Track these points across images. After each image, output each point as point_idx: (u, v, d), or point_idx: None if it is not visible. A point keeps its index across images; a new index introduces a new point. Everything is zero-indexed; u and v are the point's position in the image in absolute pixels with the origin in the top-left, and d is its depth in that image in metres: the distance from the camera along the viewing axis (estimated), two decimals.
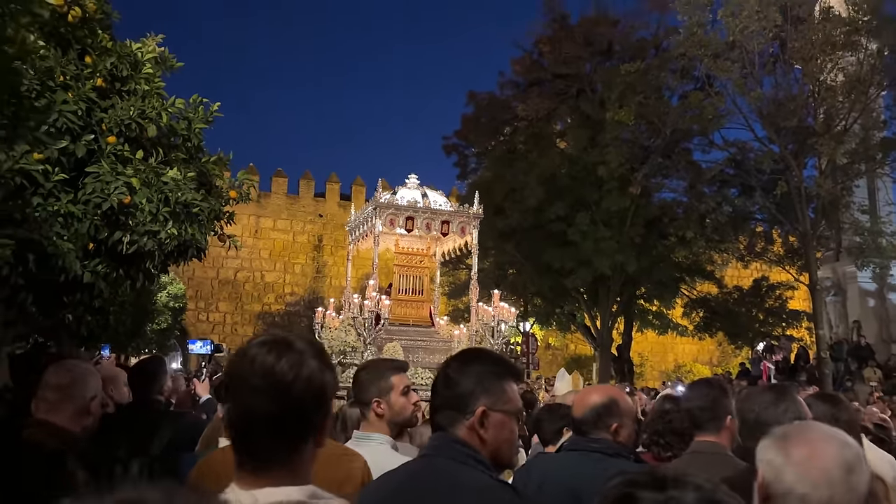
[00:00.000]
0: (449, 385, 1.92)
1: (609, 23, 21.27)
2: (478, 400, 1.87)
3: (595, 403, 2.92)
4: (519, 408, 1.95)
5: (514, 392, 1.93)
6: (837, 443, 1.62)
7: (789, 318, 23.07)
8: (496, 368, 1.94)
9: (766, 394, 2.77)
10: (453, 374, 1.93)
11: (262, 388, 1.38)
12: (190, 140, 7.60)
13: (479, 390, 1.88)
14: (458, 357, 2.04)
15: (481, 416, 1.85)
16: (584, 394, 3.05)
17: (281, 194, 33.47)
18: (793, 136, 16.83)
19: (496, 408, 1.88)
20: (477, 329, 10.05)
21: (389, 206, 10.06)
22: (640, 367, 32.46)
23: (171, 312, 22.92)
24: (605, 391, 3.05)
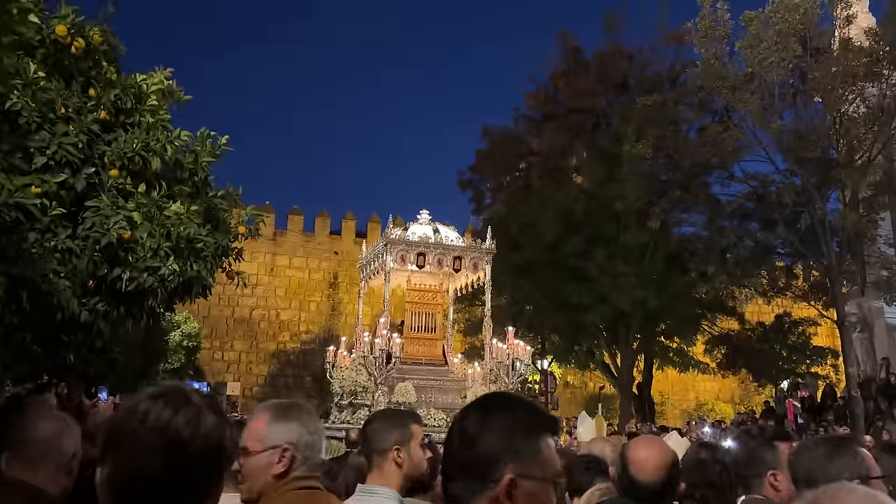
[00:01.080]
0: (466, 444, 1.48)
1: (624, 57, 21.16)
2: (505, 464, 1.44)
3: (664, 466, 2.62)
4: (558, 473, 1.50)
5: (550, 452, 1.49)
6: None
7: (814, 354, 22.43)
8: (528, 420, 1.50)
9: (820, 447, 2.40)
10: (472, 429, 1.49)
11: (154, 447, 1.22)
12: (197, 174, 7.44)
13: (506, 451, 1.45)
14: (478, 405, 1.56)
15: (509, 486, 1.42)
16: (647, 452, 2.68)
17: (297, 232, 33.43)
18: (815, 168, 16.48)
19: (529, 474, 1.44)
20: (491, 368, 9.73)
21: (400, 242, 9.89)
22: (660, 405, 31.76)
23: (185, 352, 22.75)
24: (661, 448, 2.73)
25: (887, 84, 16.04)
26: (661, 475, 2.61)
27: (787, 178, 16.91)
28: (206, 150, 7.47)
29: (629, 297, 17.84)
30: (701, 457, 3.62)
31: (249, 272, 32.00)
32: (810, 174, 16.44)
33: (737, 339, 22.35)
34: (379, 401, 9.05)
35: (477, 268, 10.30)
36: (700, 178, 18.47)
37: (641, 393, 23.59)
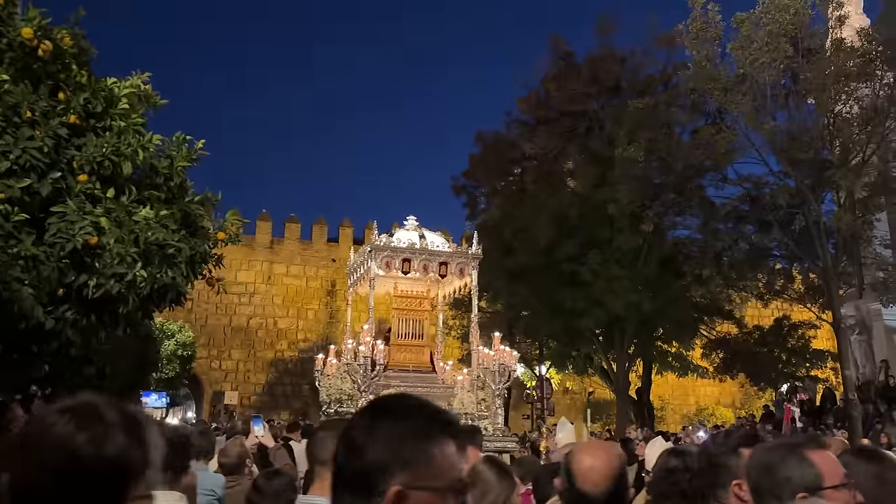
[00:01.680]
0: (352, 454, 1.32)
1: (616, 60, 21.11)
2: (392, 475, 1.27)
3: (610, 475, 2.47)
4: (454, 480, 1.32)
5: (447, 458, 1.31)
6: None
7: (813, 358, 22.28)
8: (420, 425, 1.33)
9: (769, 454, 2.14)
10: (358, 438, 1.32)
11: (50, 462, 1.14)
12: (172, 179, 7.33)
13: (394, 460, 1.28)
14: (367, 411, 1.39)
15: (396, 498, 1.26)
16: (592, 460, 2.51)
17: (294, 240, 33.40)
18: (809, 169, 16.36)
19: (420, 484, 1.27)
20: (478, 374, 9.60)
21: (385, 249, 9.80)
22: (660, 410, 31.59)
23: (180, 361, 22.60)
24: (608, 456, 2.56)
25: (880, 84, 15.92)
26: (608, 485, 2.44)
27: (781, 180, 16.78)
28: (182, 155, 7.36)
29: (623, 301, 17.70)
30: (670, 465, 3.45)
31: (247, 281, 32.40)
32: (804, 175, 16.31)
33: (734, 343, 22.20)
34: None
35: (463, 273, 10.18)
36: (694, 181, 18.35)
37: (641, 398, 23.45)
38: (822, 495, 1.93)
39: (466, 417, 9.08)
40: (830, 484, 1.93)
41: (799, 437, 2.24)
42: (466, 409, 9.21)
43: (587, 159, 20.34)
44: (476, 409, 9.34)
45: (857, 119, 16.04)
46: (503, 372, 9.39)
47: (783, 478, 1.98)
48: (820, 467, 1.97)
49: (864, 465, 2.72)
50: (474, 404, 9.34)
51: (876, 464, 2.72)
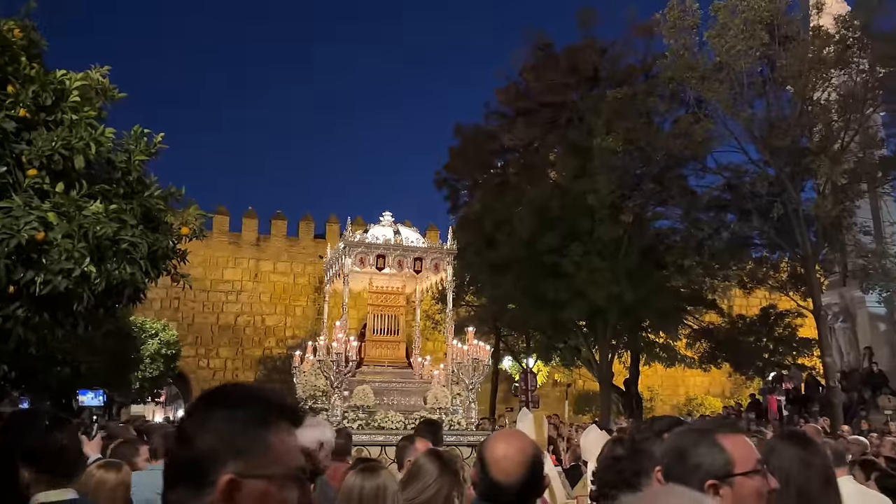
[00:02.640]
0: (184, 445, 1.28)
1: (595, 50, 21.06)
2: (223, 464, 1.23)
3: (524, 462, 2.41)
4: (293, 467, 1.29)
5: (284, 445, 1.29)
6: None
7: (800, 346, 22.30)
8: (256, 413, 1.29)
9: (680, 440, 2.02)
10: (191, 428, 1.28)
11: None
12: (130, 173, 7.23)
13: (227, 449, 1.24)
14: (201, 401, 1.35)
15: (228, 488, 1.21)
16: (505, 449, 2.44)
17: (280, 237, 33.29)
18: (788, 157, 16.34)
19: (255, 472, 1.24)
20: (452, 369, 9.58)
21: (359, 245, 9.76)
22: (650, 401, 31.67)
23: (164, 360, 22.49)
24: (521, 444, 2.50)
25: (857, 70, 15.91)
26: (521, 473, 2.39)
27: (761, 168, 16.77)
28: (140, 149, 7.26)
29: (605, 292, 17.67)
30: (617, 453, 3.39)
31: (234, 278, 32.30)
32: (783, 163, 16.30)
33: (719, 333, 22.22)
34: (336, 405, 8.89)
35: (438, 268, 10.13)
36: (674, 171, 18.34)
37: (629, 389, 23.45)
38: (731, 482, 1.87)
39: (440, 412, 9.07)
40: (741, 470, 1.87)
41: (714, 422, 2.14)
42: (440, 403, 9.21)
43: (567, 150, 20.30)
44: (450, 404, 9.34)
45: (835, 106, 16.04)
46: (477, 366, 9.36)
47: (693, 464, 1.90)
48: (731, 453, 1.90)
49: (790, 450, 2.68)
50: (448, 399, 9.34)
51: (802, 448, 2.68)
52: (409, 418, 8.95)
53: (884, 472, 6.64)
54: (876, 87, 16.04)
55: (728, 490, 1.83)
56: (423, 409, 9.33)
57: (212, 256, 30.93)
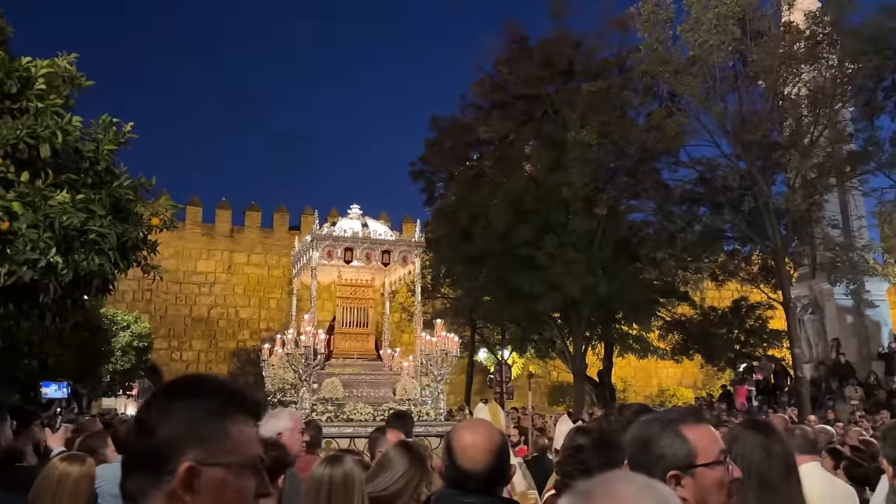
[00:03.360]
0: (143, 433, 1.28)
1: (569, 43, 21.13)
2: (183, 452, 1.24)
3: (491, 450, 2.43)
4: (251, 457, 1.30)
5: (243, 435, 1.30)
6: (651, 502, 1.15)
7: (770, 338, 22.62)
8: (216, 402, 1.30)
9: (645, 429, 1.99)
10: (151, 417, 1.29)
11: None
12: (98, 163, 7.13)
13: (187, 437, 1.25)
14: (161, 391, 1.36)
15: (187, 475, 1.22)
16: (472, 437, 2.46)
17: (255, 228, 33.03)
18: (759, 151, 16.55)
19: (214, 460, 1.24)
20: (421, 361, 9.61)
21: (326, 238, 9.75)
22: (623, 392, 31.95)
23: (136, 352, 22.24)
24: (488, 432, 2.52)
25: (827, 65, 16.14)
26: (489, 461, 2.41)
27: (733, 162, 16.96)
28: (109, 138, 7.15)
29: (579, 285, 17.80)
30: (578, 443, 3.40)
31: (207, 270, 32.00)
32: (754, 157, 16.50)
33: (690, 325, 22.47)
34: (304, 397, 8.88)
35: (406, 261, 10.15)
36: (647, 164, 18.48)
37: (602, 380, 23.66)
38: (693, 473, 1.87)
39: (409, 403, 9.12)
40: (704, 461, 1.86)
41: (678, 411, 2.13)
42: (409, 395, 9.26)
43: (542, 143, 20.38)
44: (419, 395, 9.39)
45: (805, 101, 16.26)
46: (445, 358, 9.42)
47: (656, 455, 1.89)
48: (694, 443, 1.88)
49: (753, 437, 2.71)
50: (417, 390, 9.39)
51: (764, 436, 2.71)
52: (377, 410, 9.00)
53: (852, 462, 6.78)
54: (845, 83, 16.28)
55: (690, 480, 1.83)
56: (393, 400, 9.37)
57: (185, 248, 30.61)
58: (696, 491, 1.83)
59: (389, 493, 3.28)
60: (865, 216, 20.19)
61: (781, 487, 2.65)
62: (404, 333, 25.76)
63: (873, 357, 20.37)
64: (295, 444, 3.78)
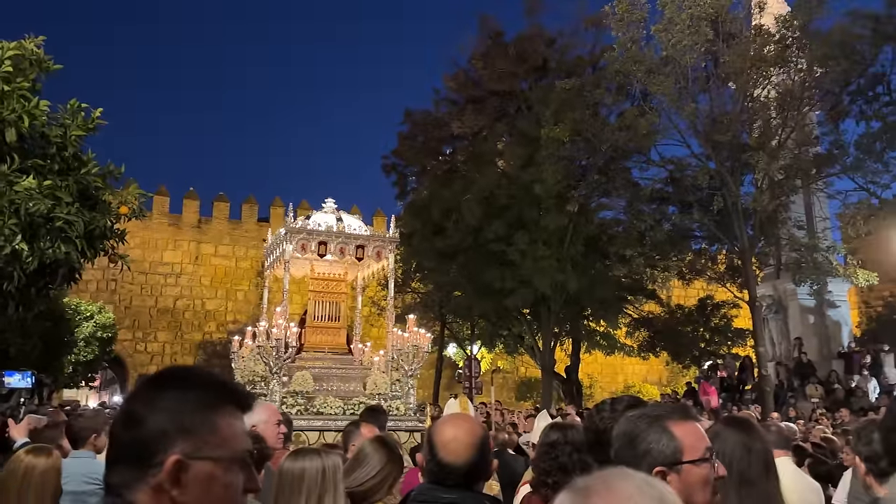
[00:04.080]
0: (130, 425, 1.25)
1: (544, 40, 21.20)
2: (171, 444, 1.21)
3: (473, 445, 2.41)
4: (240, 450, 1.28)
5: (232, 429, 1.27)
6: (651, 501, 1.13)
7: (735, 336, 22.99)
8: (202, 394, 1.28)
9: (631, 425, 1.99)
10: (138, 409, 1.25)
11: None
12: (66, 149, 6.96)
13: (174, 430, 1.22)
14: (148, 382, 1.32)
15: (174, 468, 1.20)
16: (454, 431, 2.43)
17: (223, 219, 32.63)
18: (728, 151, 16.78)
19: (202, 454, 1.22)
20: (392, 356, 9.63)
21: (301, 231, 9.71)
22: (589, 388, 32.22)
23: (99, 343, 21.86)
24: (470, 427, 2.50)
25: (795, 69, 16.40)
26: (470, 455, 2.39)
27: (702, 162, 17.17)
28: (77, 124, 6.99)
29: (549, 280, 17.91)
30: (552, 439, 3.40)
31: (173, 261, 31.51)
32: (724, 158, 16.72)
33: (658, 322, 22.74)
34: (274, 390, 8.83)
35: (380, 256, 10.17)
36: (618, 163, 18.64)
37: (569, 376, 23.83)
38: (679, 469, 1.87)
39: (379, 398, 9.13)
40: (690, 458, 1.86)
41: (665, 407, 2.13)
42: (379, 389, 9.27)
43: (515, 139, 20.44)
44: (389, 390, 9.40)
45: (774, 103, 16.51)
46: (416, 353, 9.43)
47: (642, 450, 1.89)
48: (681, 440, 1.89)
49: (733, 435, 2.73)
50: (387, 385, 9.39)
51: (744, 433, 2.73)
52: (348, 404, 9.01)
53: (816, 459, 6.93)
54: (812, 87, 16.57)
55: (675, 477, 1.83)
56: (363, 394, 9.38)
57: (151, 238, 30.12)
58: (681, 487, 1.83)
59: (366, 488, 3.25)
60: (830, 218, 20.61)
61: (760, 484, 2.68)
62: (373, 327, 25.67)
63: (833, 356, 20.80)
64: (271, 436, 3.73)
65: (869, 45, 15.16)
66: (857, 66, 15.33)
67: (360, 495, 3.20)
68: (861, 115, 16.22)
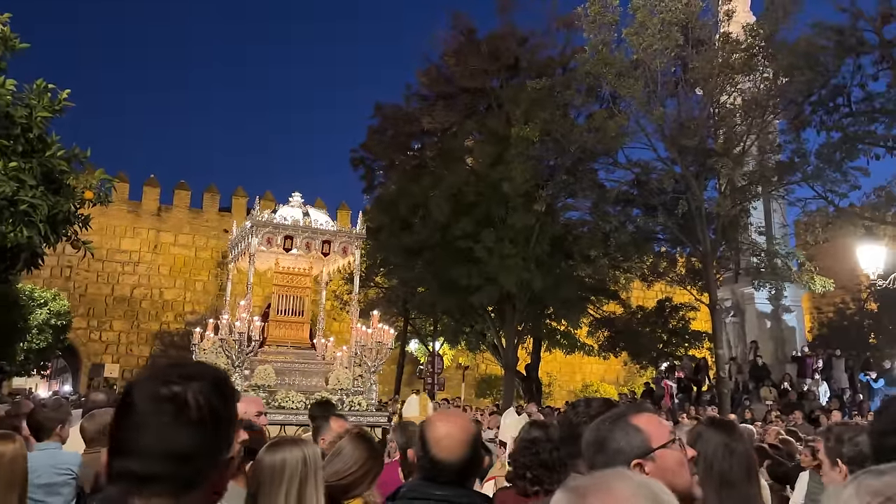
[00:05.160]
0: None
1: (517, 39, 21.28)
2: None
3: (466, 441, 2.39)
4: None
5: None
6: (648, 502, 1.13)
7: (692, 338, 23.40)
8: None
9: (596, 431, 2.02)
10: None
11: None
12: (31, 130, 6.77)
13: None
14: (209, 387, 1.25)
15: None
16: (447, 428, 2.42)
17: (183, 208, 32.07)
18: (694, 156, 17.04)
19: None
20: (356, 351, 9.61)
21: (267, 225, 9.62)
22: (548, 386, 32.49)
23: (53, 331, 21.33)
24: (462, 423, 2.48)
25: (761, 77, 16.72)
26: (464, 452, 2.38)
27: (668, 166, 17.40)
28: (43, 105, 6.79)
29: (515, 279, 18.00)
30: (533, 436, 3.44)
31: (131, 249, 30.86)
32: (689, 162, 16.97)
33: (618, 323, 23.03)
34: (237, 384, 8.73)
35: (346, 252, 10.16)
36: (586, 164, 18.79)
37: (529, 374, 24.02)
38: (653, 457, 1.91)
39: (341, 392, 9.12)
40: (658, 444, 1.91)
41: (620, 408, 2.16)
42: (342, 384, 9.26)
43: (485, 137, 20.47)
44: (351, 385, 9.39)
45: (740, 110, 16.81)
46: (380, 349, 9.45)
47: (613, 450, 1.93)
48: (646, 430, 1.94)
49: (715, 436, 2.77)
50: (350, 380, 9.39)
51: (726, 434, 2.77)
52: (309, 398, 8.98)
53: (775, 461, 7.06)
54: (776, 95, 16.91)
55: (652, 465, 1.88)
56: (325, 389, 9.37)
57: (108, 225, 29.42)
58: (660, 474, 1.86)
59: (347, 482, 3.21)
60: (789, 225, 21.06)
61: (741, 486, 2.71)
62: (336, 322, 25.49)
63: (787, 360, 21.30)
64: None
65: (832, 57, 15.51)
66: (819, 76, 15.67)
67: (340, 489, 3.16)
68: (822, 125, 16.59)
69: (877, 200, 16.84)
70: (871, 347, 26.49)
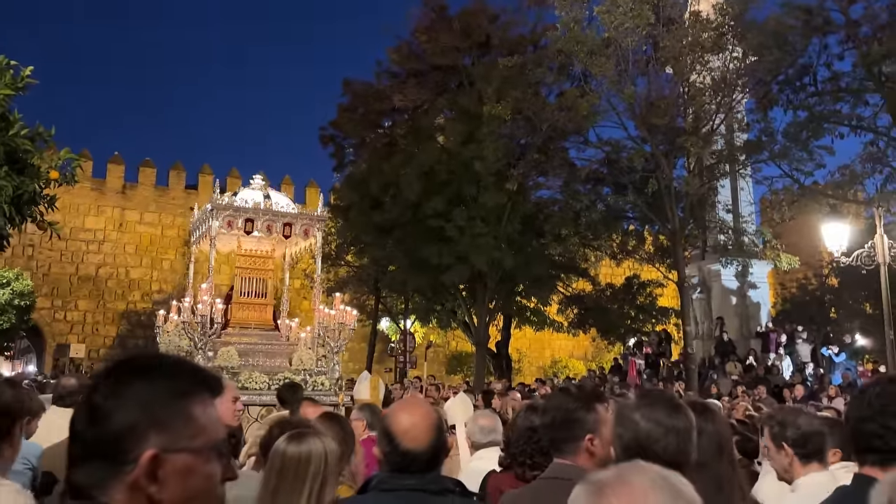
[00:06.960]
0: (95, 419, 1.16)
1: (488, 16, 21.14)
2: (145, 439, 1.14)
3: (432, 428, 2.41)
4: (216, 439, 1.22)
5: (206, 416, 1.21)
6: (667, 495, 1.13)
7: (659, 314, 23.72)
8: (175, 383, 1.21)
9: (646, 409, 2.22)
10: (103, 402, 1.17)
11: None
12: None
13: (147, 422, 1.15)
14: (112, 371, 1.22)
15: (151, 464, 1.13)
16: (412, 418, 2.43)
17: (149, 185, 31.52)
18: (664, 135, 17.16)
19: (178, 446, 1.16)
20: (319, 332, 9.69)
21: (227, 208, 9.59)
22: (517, 363, 32.76)
23: (17, 311, 20.95)
24: (425, 411, 2.49)
25: (730, 57, 16.86)
26: (432, 439, 2.40)
27: (638, 145, 17.52)
28: (5, 82, 6.62)
29: (486, 257, 18.06)
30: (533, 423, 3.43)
31: (96, 227, 30.30)
32: (659, 141, 17.10)
33: (588, 300, 23.26)
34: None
35: (308, 234, 10.18)
36: (557, 143, 18.84)
37: (500, 351, 24.20)
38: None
39: (304, 373, 9.23)
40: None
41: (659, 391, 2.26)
42: (305, 364, 9.37)
43: (456, 115, 20.40)
44: (315, 365, 9.50)
45: (709, 89, 16.96)
46: (342, 330, 9.55)
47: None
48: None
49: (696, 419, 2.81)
50: (313, 360, 9.50)
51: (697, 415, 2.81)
52: (273, 379, 9.08)
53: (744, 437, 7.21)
54: (744, 74, 17.07)
55: None
56: (288, 370, 9.46)
57: (72, 203, 28.78)
58: None
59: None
60: (755, 203, 21.37)
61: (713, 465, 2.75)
62: (305, 300, 25.39)
63: (752, 336, 21.72)
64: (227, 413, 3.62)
65: (799, 37, 15.68)
66: (787, 56, 15.86)
67: None
68: (789, 104, 16.81)
69: (841, 179, 17.15)
70: (832, 322, 27.16)
